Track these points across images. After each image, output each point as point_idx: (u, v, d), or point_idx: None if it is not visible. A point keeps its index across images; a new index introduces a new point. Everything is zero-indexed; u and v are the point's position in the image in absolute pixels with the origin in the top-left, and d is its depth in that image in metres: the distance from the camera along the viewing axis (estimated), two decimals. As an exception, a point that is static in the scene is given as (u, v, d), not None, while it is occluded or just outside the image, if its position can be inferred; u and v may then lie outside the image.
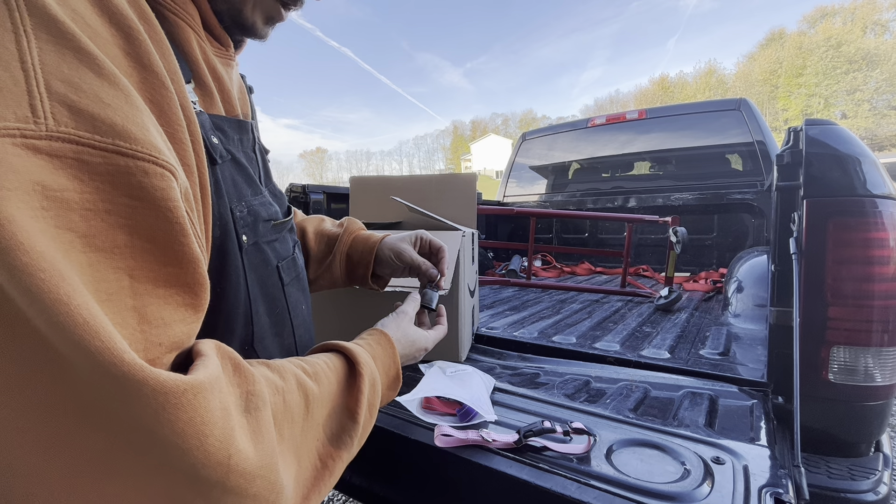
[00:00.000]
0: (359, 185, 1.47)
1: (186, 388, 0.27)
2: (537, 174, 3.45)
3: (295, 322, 0.58)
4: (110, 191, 0.27)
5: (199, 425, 0.27)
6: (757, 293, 1.53)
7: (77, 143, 0.26)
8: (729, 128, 2.62)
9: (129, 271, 0.28)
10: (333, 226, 0.87)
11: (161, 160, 0.29)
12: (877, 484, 0.82)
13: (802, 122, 0.93)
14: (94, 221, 0.27)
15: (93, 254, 0.26)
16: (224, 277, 0.45)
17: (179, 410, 0.26)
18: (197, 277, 0.32)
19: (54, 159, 0.25)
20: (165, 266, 0.30)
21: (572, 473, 0.64)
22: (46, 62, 0.26)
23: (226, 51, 0.51)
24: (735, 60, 75.56)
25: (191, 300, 0.32)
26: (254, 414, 0.33)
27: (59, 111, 0.26)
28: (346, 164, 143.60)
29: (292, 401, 0.40)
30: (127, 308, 0.28)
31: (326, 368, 0.47)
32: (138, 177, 0.28)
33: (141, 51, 0.32)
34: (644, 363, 1.12)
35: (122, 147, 0.27)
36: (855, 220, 0.83)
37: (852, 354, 0.84)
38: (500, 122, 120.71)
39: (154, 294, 0.29)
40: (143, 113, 0.30)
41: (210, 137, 0.44)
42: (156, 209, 0.29)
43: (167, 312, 0.30)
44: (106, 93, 0.28)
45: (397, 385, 0.59)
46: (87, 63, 0.27)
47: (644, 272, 2.66)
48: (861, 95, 47.72)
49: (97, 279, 0.26)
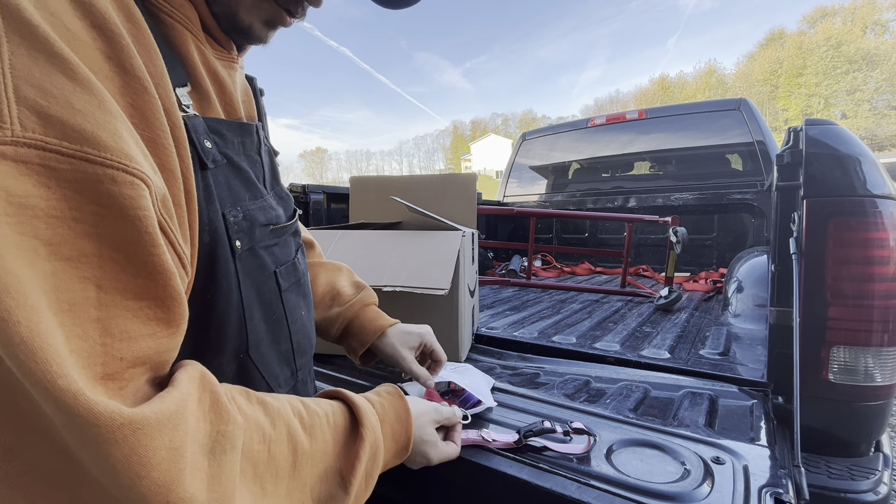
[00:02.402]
0: (359, 185, 1.47)
1: (124, 422, 0.26)
2: (537, 174, 3.45)
3: (293, 328, 0.57)
4: (77, 198, 0.27)
5: (136, 465, 0.26)
6: (757, 293, 1.53)
7: (44, 149, 0.25)
8: (729, 128, 2.62)
9: (96, 281, 0.27)
10: (348, 284, 0.83)
11: (131, 168, 0.29)
12: (877, 484, 0.82)
13: (802, 122, 0.93)
14: (61, 229, 0.26)
15: (57, 262, 0.26)
16: (214, 284, 0.44)
17: (113, 446, 0.25)
18: (168, 290, 0.31)
19: (20, 165, 0.25)
20: (135, 278, 0.29)
21: (572, 473, 0.64)
22: (17, 66, 0.25)
23: (227, 53, 0.50)
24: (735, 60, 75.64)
25: (162, 314, 0.31)
26: (218, 457, 0.32)
27: (27, 116, 0.25)
28: (346, 164, 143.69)
29: (279, 453, 0.38)
30: (90, 319, 0.27)
31: (325, 423, 0.45)
32: (106, 184, 0.27)
33: (123, 55, 0.32)
34: (644, 363, 1.12)
35: (91, 154, 0.27)
36: (855, 220, 0.83)
37: (852, 354, 0.84)
38: (500, 122, 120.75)
39: (121, 306, 0.29)
40: (117, 119, 0.29)
41: (203, 142, 0.43)
42: (124, 218, 0.28)
43: (134, 326, 0.29)
44: (78, 98, 0.27)
45: (404, 455, 0.56)
46: (60, 67, 0.27)
47: (644, 272, 2.66)
48: (861, 95, 47.72)
49: (60, 288, 0.26)
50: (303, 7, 0.52)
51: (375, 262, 1.09)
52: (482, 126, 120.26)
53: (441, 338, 0.93)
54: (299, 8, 0.51)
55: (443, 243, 1.10)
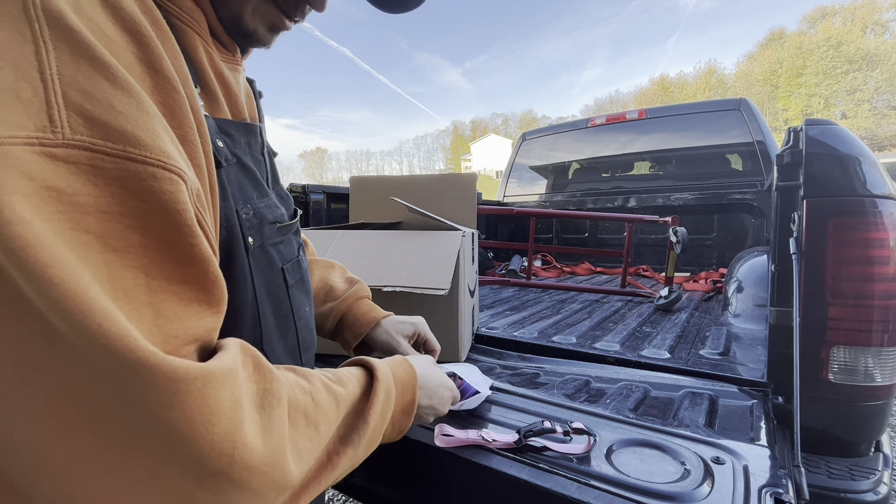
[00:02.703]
0: (359, 185, 1.47)
1: (196, 375, 0.28)
2: (537, 174, 3.45)
3: (298, 324, 0.58)
4: (122, 194, 0.29)
5: (207, 414, 0.29)
6: (757, 293, 1.53)
7: (91, 149, 0.27)
8: (729, 128, 2.62)
9: (144, 269, 0.30)
10: (341, 280, 0.86)
11: (169, 165, 0.31)
12: (877, 484, 0.82)
13: (802, 122, 0.93)
14: (110, 223, 0.28)
15: (109, 254, 0.28)
16: (231, 279, 0.46)
17: (188, 397, 0.28)
18: (209, 276, 0.34)
19: (70, 165, 0.27)
20: (178, 265, 0.31)
21: (572, 473, 0.64)
22: (64, 73, 0.27)
23: (232, 56, 0.52)
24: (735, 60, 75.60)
25: (204, 296, 0.34)
26: (267, 411, 0.34)
27: (75, 120, 0.27)
28: (346, 164, 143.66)
29: (322, 400, 0.42)
30: (143, 304, 0.29)
31: (349, 374, 0.49)
32: (148, 181, 0.29)
33: (153, 56, 0.33)
34: (644, 363, 1.12)
35: (133, 153, 0.29)
36: (855, 220, 0.83)
37: (852, 354, 0.84)
38: (500, 122, 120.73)
39: (168, 290, 0.31)
40: (154, 119, 0.31)
41: (215, 141, 0.45)
42: (164, 212, 0.30)
43: (181, 308, 0.32)
44: (119, 101, 0.29)
45: (412, 410, 0.58)
46: (102, 72, 0.29)
47: (644, 272, 2.66)
48: (861, 95, 47.72)
49: (114, 277, 0.28)
50: (303, 11, 0.53)
51: (375, 262, 1.09)
52: (482, 126, 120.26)
53: (441, 338, 0.93)
54: (299, 11, 0.53)
55: (443, 243, 1.10)
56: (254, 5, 0.48)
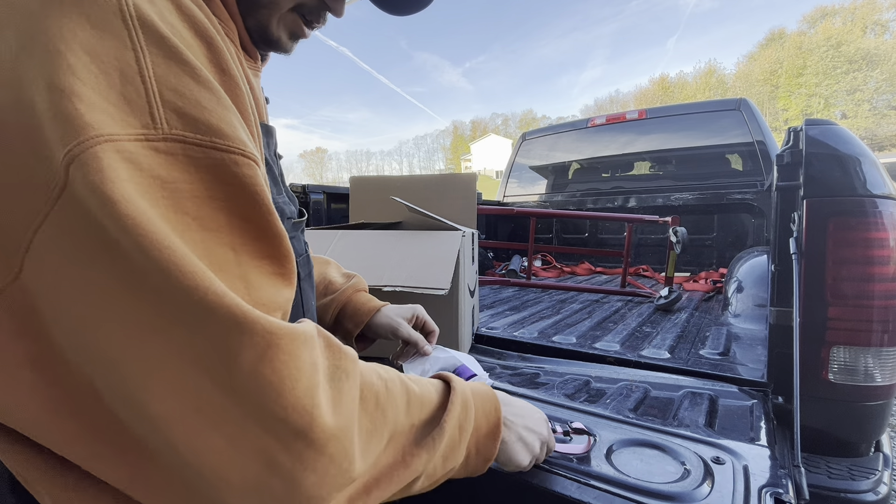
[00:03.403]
0: (359, 185, 1.47)
1: (286, 332, 0.32)
2: (537, 174, 3.45)
3: (307, 316, 0.61)
4: (211, 180, 0.32)
5: (293, 370, 0.31)
6: (757, 293, 1.53)
7: (184, 142, 0.31)
8: (729, 128, 2.62)
9: (232, 246, 0.33)
10: (339, 274, 0.89)
11: (247, 152, 0.34)
12: (877, 484, 0.82)
13: (802, 122, 0.93)
14: (203, 206, 0.32)
15: (204, 233, 0.32)
16: None
17: (280, 352, 0.31)
18: (283, 250, 0.37)
19: (169, 157, 0.31)
20: (258, 241, 0.35)
21: (572, 473, 0.64)
22: (159, 74, 0.31)
23: (255, 63, 0.54)
24: (735, 60, 75.55)
25: (279, 269, 0.37)
26: (336, 384, 0.36)
27: (171, 117, 0.31)
28: (346, 164, 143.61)
29: (394, 390, 0.43)
30: (235, 276, 0.33)
31: (425, 381, 0.51)
32: (231, 167, 0.33)
33: (221, 58, 0.37)
34: (644, 363, 1.12)
35: (218, 143, 0.33)
36: (855, 220, 0.83)
37: (852, 354, 0.84)
38: (500, 122, 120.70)
39: (252, 265, 0.35)
40: (231, 112, 0.35)
41: None
42: (246, 194, 0.34)
43: (263, 280, 0.35)
44: (203, 97, 0.33)
45: (496, 436, 0.55)
46: (189, 72, 0.33)
47: (644, 272, 2.66)
48: (861, 95, 47.72)
49: (210, 253, 0.32)
50: (323, 17, 0.56)
51: (375, 262, 1.09)
52: (482, 126, 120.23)
53: (441, 337, 0.93)
54: (322, 19, 0.55)
55: (443, 243, 1.10)
56: (280, 15, 0.51)
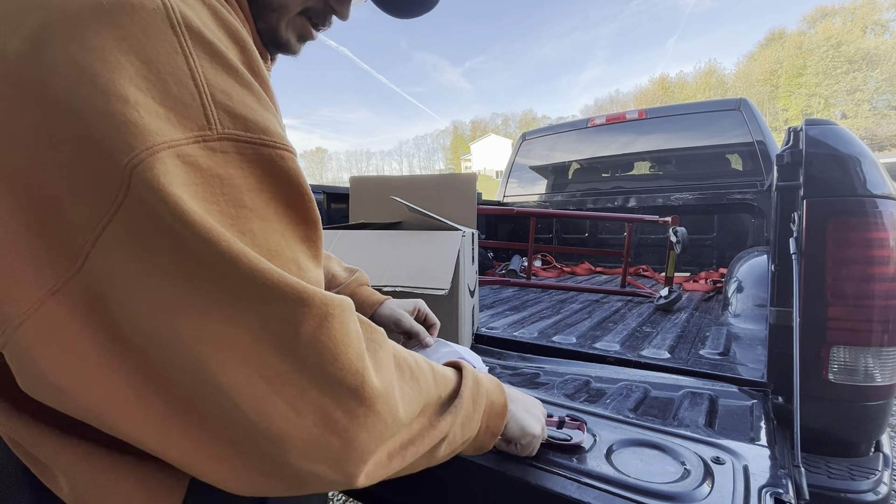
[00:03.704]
0: (359, 185, 1.47)
1: (338, 303, 0.35)
2: (537, 174, 3.45)
3: None
4: (261, 174, 0.35)
5: (345, 335, 0.35)
6: (757, 293, 1.53)
7: (236, 140, 0.33)
8: (729, 128, 2.62)
9: (283, 233, 0.36)
10: (341, 269, 0.91)
11: (288, 147, 0.37)
12: (877, 484, 0.82)
13: (802, 122, 0.93)
14: (257, 199, 0.34)
15: (260, 222, 0.34)
16: None
17: (333, 320, 0.34)
18: (318, 233, 0.40)
19: (225, 155, 0.33)
20: (299, 226, 0.38)
21: (572, 473, 0.64)
22: (209, 77, 0.33)
23: (266, 64, 0.55)
24: (735, 60, 75.54)
25: (315, 252, 0.40)
26: (373, 353, 0.39)
27: (223, 117, 0.33)
28: (346, 164, 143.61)
29: (422, 365, 0.46)
30: (288, 259, 0.35)
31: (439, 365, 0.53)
32: (277, 162, 0.36)
33: (252, 60, 0.39)
34: (644, 363, 1.12)
35: (266, 140, 0.35)
36: (855, 220, 0.83)
37: (852, 354, 0.84)
38: (500, 122, 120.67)
39: (297, 248, 0.37)
40: (271, 111, 0.37)
41: None
42: (290, 184, 0.37)
43: (307, 261, 0.38)
44: (248, 98, 0.35)
45: (504, 412, 0.58)
46: (234, 75, 0.35)
47: (644, 272, 2.66)
48: (861, 95, 47.71)
49: (268, 240, 0.34)
50: (329, 20, 0.56)
51: (375, 262, 1.09)
52: (482, 126, 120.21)
53: (441, 337, 0.93)
54: (327, 21, 0.56)
55: (443, 243, 1.10)
56: (288, 19, 0.52)
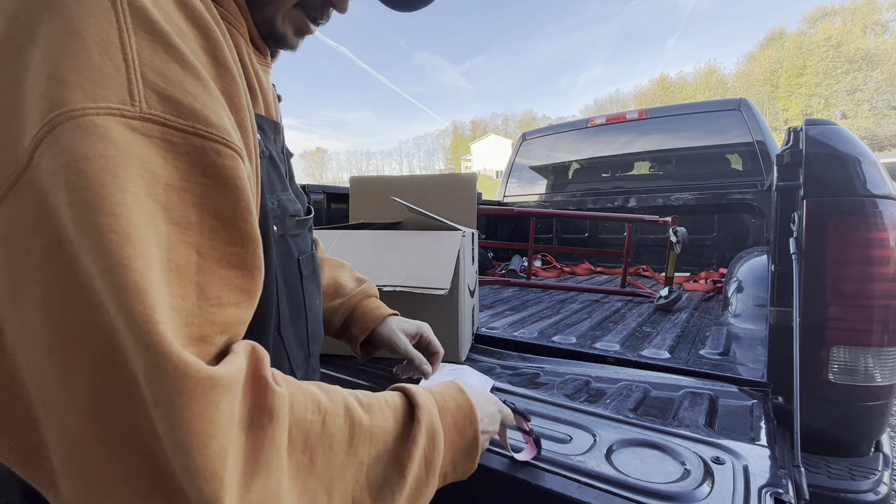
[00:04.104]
0: (359, 185, 1.47)
1: (205, 377, 0.27)
2: (537, 174, 3.44)
3: (309, 315, 0.61)
4: (187, 169, 0.30)
5: (206, 423, 0.26)
6: (757, 293, 1.53)
7: (164, 124, 0.30)
8: (729, 128, 2.62)
9: (197, 248, 0.31)
10: (350, 279, 0.88)
11: (231, 143, 0.33)
12: (877, 484, 0.82)
13: (802, 122, 0.93)
14: (173, 197, 0.30)
15: (170, 226, 0.29)
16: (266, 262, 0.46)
17: (192, 399, 0.26)
18: (255, 260, 0.34)
19: (146, 138, 0.29)
20: (229, 245, 0.32)
21: (572, 473, 0.64)
22: (143, 55, 0.30)
23: (264, 59, 0.55)
24: (735, 60, 75.49)
25: (247, 284, 0.34)
26: (254, 431, 0.31)
27: (151, 96, 0.29)
28: (346, 164, 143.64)
29: (334, 426, 0.37)
30: (191, 282, 0.30)
31: (383, 403, 0.43)
32: (212, 156, 0.31)
33: (217, 49, 0.36)
34: (644, 363, 1.12)
35: (200, 129, 0.31)
36: (855, 219, 0.83)
37: (852, 354, 0.84)
38: (500, 122, 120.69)
39: (216, 273, 0.32)
40: (218, 102, 0.34)
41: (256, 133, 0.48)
42: (225, 187, 0.32)
43: (224, 293, 0.32)
44: (189, 82, 0.31)
45: (475, 453, 0.51)
46: (175, 58, 0.31)
47: (644, 272, 2.66)
48: (861, 95, 47.70)
49: (170, 250, 0.29)
50: (328, 14, 0.56)
51: (375, 262, 1.09)
52: (482, 126, 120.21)
53: (441, 338, 0.93)
54: (325, 15, 0.55)
55: (443, 243, 1.10)
56: (284, 11, 0.51)
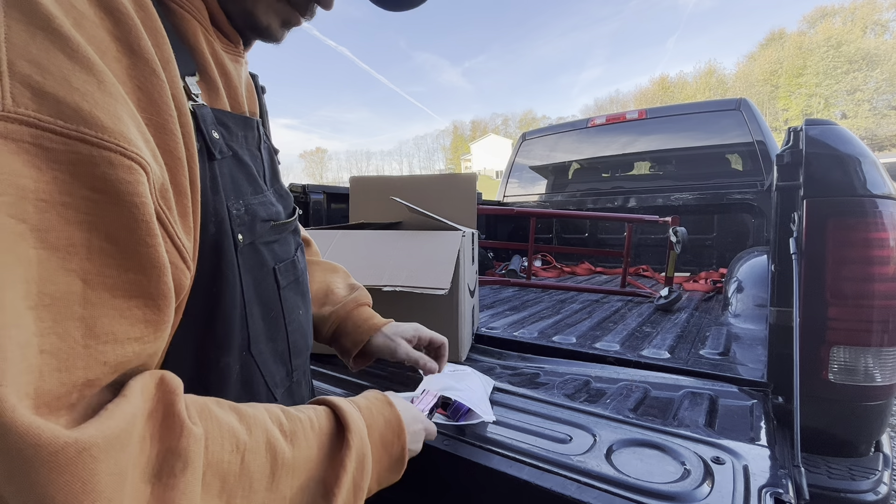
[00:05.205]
0: (359, 185, 1.47)
1: (65, 443, 0.23)
2: (537, 174, 3.45)
3: (290, 328, 0.56)
4: (70, 182, 0.25)
5: (79, 493, 0.23)
6: (757, 293, 1.53)
7: (37, 126, 0.24)
8: (729, 128, 2.62)
9: (83, 275, 0.26)
10: (343, 285, 0.82)
11: (130, 151, 0.27)
12: (877, 484, 0.82)
13: (802, 122, 0.93)
14: (49, 214, 0.24)
15: (43, 250, 0.24)
16: (221, 278, 0.44)
17: (54, 471, 0.22)
18: (161, 288, 0.29)
19: (10, 142, 0.23)
20: (126, 272, 0.27)
21: (572, 473, 0.64)
22: (13, 41, 0.24)
23: (235, 47, 0.51)
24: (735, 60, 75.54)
25: (151, 315, 0.29)
26: (164, 480, 0.28)
27: (21, 91, 0.24)
28: (346, 164, 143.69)
29: (254, 464, 0.34)
30: (73, 317, 0.25)
31: (308, 428, 0.41)
32: (102, 167, 0.26)
33: (131, 36, 0.31)
34: (644, 363, 1.12)
35: (87, 134, 0.25)
36: (855, 220, 0.83)
37: (852, 354, 0.84)
38: (500, 122, 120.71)
39: (108, 304, 0.27)
40: (118, 101, 0.28)
41: (210, 132, 0.43)
42: (119, 205, 0.27)
43: (121, 328, 0.27)
44: (76, 77, 0.26)
45: (400, 468, 0.51)
46: (60, 45, 0.26)
47: (644, 272, 2.66)
48: (861, 95, 47.71)
49: (42, 279, 0.24)
50: (312, 10, 0.53)
51: (375, 262, 1.09)
52: (482, 126, 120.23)
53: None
54: (309, 11, 0.53)
55: (443, 243, 1.10)
56: (267, 3, 0.49)
